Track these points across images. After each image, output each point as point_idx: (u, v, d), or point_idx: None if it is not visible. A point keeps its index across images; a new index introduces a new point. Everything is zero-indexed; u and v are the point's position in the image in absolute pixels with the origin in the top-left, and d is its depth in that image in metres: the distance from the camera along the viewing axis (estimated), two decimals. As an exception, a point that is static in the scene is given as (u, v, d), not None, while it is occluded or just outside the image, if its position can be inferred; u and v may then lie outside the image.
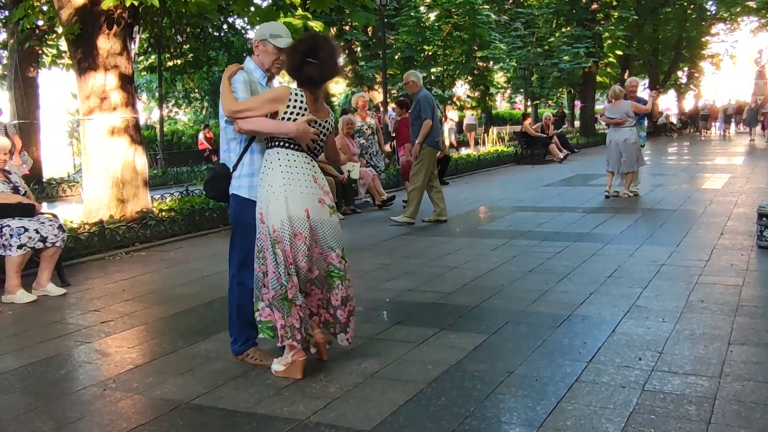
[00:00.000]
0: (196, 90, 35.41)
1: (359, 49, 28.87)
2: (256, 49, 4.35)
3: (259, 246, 4.03)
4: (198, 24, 18.12)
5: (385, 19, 18.48)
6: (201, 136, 27.45)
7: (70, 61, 9.94)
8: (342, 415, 3.52)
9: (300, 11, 11.10)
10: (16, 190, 6.47)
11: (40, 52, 16.12)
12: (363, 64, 26.86)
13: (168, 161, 22.59)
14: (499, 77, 32.40)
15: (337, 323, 4.21)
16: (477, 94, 26.72)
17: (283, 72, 4.38)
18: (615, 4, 32.33)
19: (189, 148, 28.13)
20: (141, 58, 23.88)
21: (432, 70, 24.21)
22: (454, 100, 26.19)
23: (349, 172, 11.52)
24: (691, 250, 7.23)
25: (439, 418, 3.44)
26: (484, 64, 26.28)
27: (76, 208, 10.60)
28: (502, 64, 28.83)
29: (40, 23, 13.12)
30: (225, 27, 23.03)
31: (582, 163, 20.11)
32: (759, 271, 6.27)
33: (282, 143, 4.04)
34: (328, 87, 3.86)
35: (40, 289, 6.32)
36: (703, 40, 42.10)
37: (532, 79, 29.62)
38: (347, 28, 25.32)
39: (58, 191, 16.67)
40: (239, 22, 23.54)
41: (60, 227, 6.47)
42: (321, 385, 3.92)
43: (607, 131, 12.11)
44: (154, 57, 22.97)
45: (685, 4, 36.82)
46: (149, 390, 3.96)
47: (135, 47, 10.08)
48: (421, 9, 25.01)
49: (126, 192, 9.20)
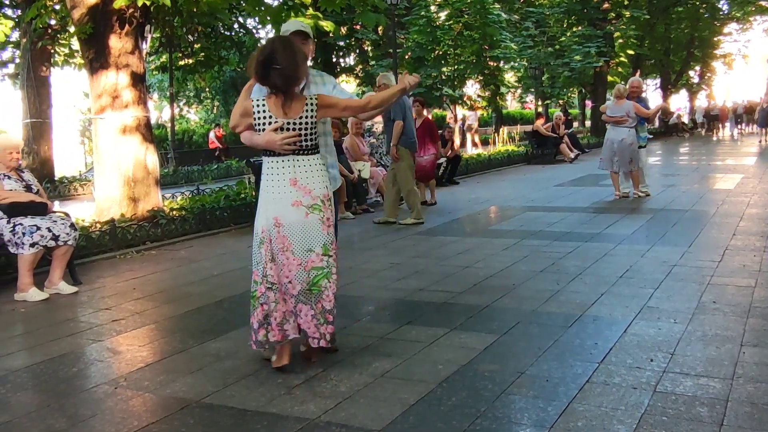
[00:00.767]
0: (207, 89, 35.50)
1: (370, 48, 28.89)
2: None
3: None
4: (209, 23, 18.20)
5: (396, 19, 18.48)
6: (212, 135, 27.53)
7: (82, 61, 10.00)
8: (352, 414, 3.51)
9: (311, 11, 11.11)
10: (28, 188, 6.50)
11: (53, 51, 16.20)
12: (373, 63, 26.87)
13: (179, 160, 22.63)
14: (510, 77, 32.34)
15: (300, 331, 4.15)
16: (488, 93, 26.68)
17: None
18: (626, 3, 32.20)
19: (200, 147, 28.20)
20: (152, 57, 24.00)
21: (443, 70, 24.19)
22: (465, 99, 26.16)
23: (359, 171, 11.53)
24: (704, 251, 7.19)
25: (450, 418, 3.44)
26: (495, 64, 26.23)
27: (87, 206, 10.66)
28: (512, 64, 28.78)
29: (53, 23, 13.19)
30: (236, 26, 23.12)
31: (593, 163, 19.94)
32: (772, 272, 6.23)
33: (265, 152, 4.11)
34: (295, 86, 4.00)
35: (52, 287, 6.35)
36: (715, 39, 41.86)
37: (543, 78, 29.53)
38: (358, 27, 25.33)
39: (69, 190, 16.75)
40: (250, 22, 23.67)
41: (72, 226, 6.50)
42: (331, 384, 3.92)
43: (607, 129, 12.01)
44: (165, 56, 23.05)
45: (697, 3, 36.61)
46: (160, 388, 3.97)
47: (146, 46, 10.12)
48: (432, 8, 24.99)
49: (137, 191, 9.24)
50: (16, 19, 14.86)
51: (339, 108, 4.27)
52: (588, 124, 39.39)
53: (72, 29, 10.40)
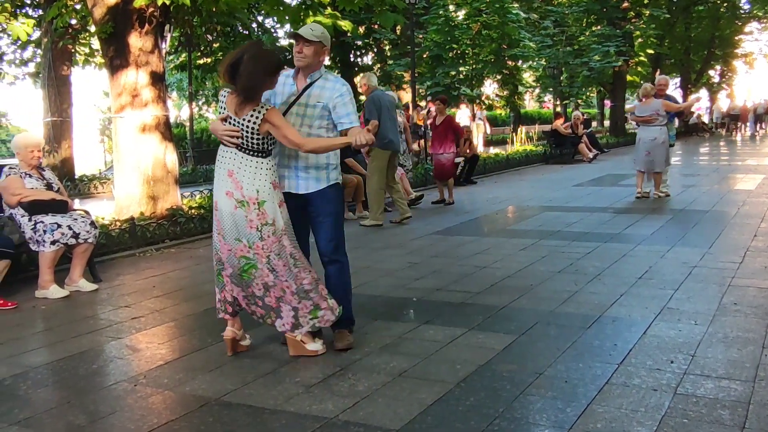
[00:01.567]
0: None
1: (388, 47, 28.86)
2: None
3: None
4: (228, 23, 18.26)
5: (414, 18, 18.46)
6: (230, 134, 27.60)
7: (103, 60, 10.06)
8: (370, 413, 3.51)
9: (329, 10, 11.12)
10: (49, 186, 6.56)
11: (74, 50, 16.33)
12: (391, 62, 26.85)
13: (198, 159, 22.69)
14: (528, 76, 32.19)
15: (270, 310, 4.39)
16: (506, 93, 26.56)
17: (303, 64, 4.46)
18: (646, 2, 31.93)
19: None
20: (172, 56, 24.12)
21: (461, 69, 24.12)
22: (483, 99, 26.07)
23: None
24: (724, 252, 7.13)
25: (468, 418, 3.43)
26: (513, 63, 26.12)
27: (107, 204, 10.74)
28: (531, 63, 28.64)
29: (74, 22, 13.28)
30: (255, 26, 23.19)
31: (612, 163, 19.92)
32: (794, 274, 6.16)
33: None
34: (250, 94, 4.21)
35: (73, 284, 6.40)
36: (736, 38, 41.45)
37: (562, 78, 29.37)
38: (376, 26, 25.32)
39: (89, 188, 16.87)
40: (269, 21, 23.72)
41: (92, 224, 6.55)
42: (349, 383, 3.93)
43: (637, 130, 11.97)
44: (184, 55, 23.16)
45: (718, 2, 36.27)
46: (179, 386, 3.99)
47: (166, 46, 10.18)
48: (450, 7, 24.92)
49: (156, 189, 9.29)
50: (38, 19, 14.97)
51: (279, 133, 4.27)
52: (607, 123, 39.14)
53: (93, 28, 10.48)
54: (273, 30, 25.23)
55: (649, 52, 34.38)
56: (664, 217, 9.59)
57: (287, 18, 10.90)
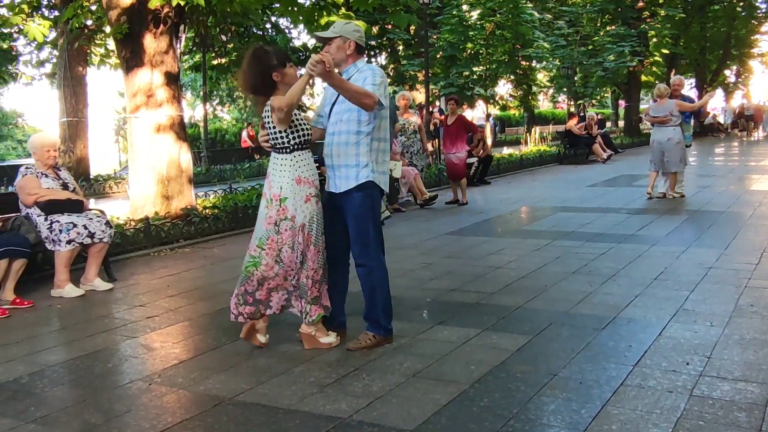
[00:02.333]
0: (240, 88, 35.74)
1: (401, 47, 28.85)
2: None
3: None
4: (242, 23, 18.31)
5: (428, 18, 18.44)
6: (244, 134, 27.72)
7: (118, 60, 10.12)
8: (384, 414, 3.51)
9: (343, 10, 11.14)
10: (65, 186, 6.59)
11: (89, 51, 16.44)
12: (405, 62, 26.84)
13: (212, 159, 22.82)
14: (542, 76, 32.09)
15: (260, 304, 4.53)
16: (520, 93, 26.49)
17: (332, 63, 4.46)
18: (661, 2, 31.74)
19: (232, 146, 28.42)
20: (186, 57, 24.23)
21: (474, 69, 24.07)
22: (497, 99, 26.01)
23: (391, 170, 11.51)
24: (740, 253, 7.07)
25: (482, 419, 3.42)
26: (527, 63, 26.04)
27: (122, 204, 10.79)
28: (545, 63, 28.54)
29: (89, 23, 13.36)
30: (268, 26, 23.25)
31: (626, 163, 19.82)
32: (811, 276, 6.11)
33: None
34: (249, 93, 4.63)
35: (88, 283, 6.44)
36: (752, 38, 41.14)
37: (576, 78, 29.26)
38: (390, 27, 25.32)
39: (104, 188, 16.99)
40: (283, 21, 23.78)
41: (107, 223, 6.59)
42: (363, 383, 3.93)
43: (652, 130, 11.90)
44: (199, 56, 23.28)
45: (734, 1, 36.01)
46: (193, 385, 4.01)
47: (181, 46, 10.22)
48: (464, 7, 24.87)
49: (171, 189, 9.33)
50: (54, 20, 15.08)
51: (273, 110, 4.39)
52: (621, 124, 38.95)
53: (108, 29, 10.54)
54: (287, 30, 25.30)
55: (664, 52, 34.18)
56: (679, 218, 9.54)
57: (301, 18, 10.93)
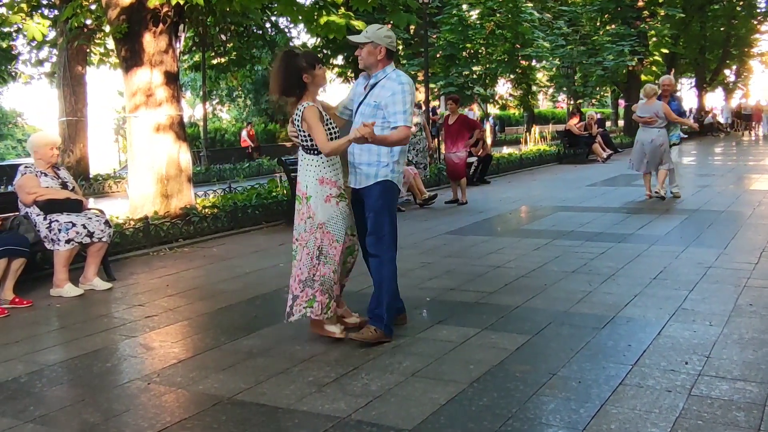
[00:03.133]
0: (240, 88, 35.73)
1: (401, 47, 28.86)
2: None
3: None
4: (241, 23, 18.33)
5: (427, 18, 18.44)
6: (244, 133, 27.74)
7: (118, 60, 10.11)
8: (383, 413, 3.51)
9: (342, 10, 11.12)
10: (64, 185, 6.59)
11: (88, 50, 16.43)
12: (405, 62, 26.83)
13: (211, 158, 22.81)
14: (542, 76, 32.08)
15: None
16: (519, 92, 26.50)
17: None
18: (661, 1, 31.72)
19: (232, 146, 28.43)
20: (186, 56, 24.23)
21: (474, 69, 24.09)
22: (497, 98, 26.02)
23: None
24: (740, 253, 7.07)
25: (481, 418, 3.42)
26: (527, 63, 26.03)
27: (121, 203, 10.80)
28: (545, 63, 28.54)
29: (89, 22, 13.37)
30: (268, 25, 23.24)
31: (626, 163, 19.71)
32: (810, 275, 6.10)
33: None
34: (278, 95, 4.73)
35: (87, 283, 6.44)
36: (752, 38, 41.14)
37: (576, 77, 29.26)
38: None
39: (104, 187, 16.99)
40: (282, 21, 23.76)
41: (106, 222, 6.58)
42: (362, 383, 3.92)
43: (638, 129, 11.73)
44: (198, 55, 23.28)
45: (734, 1, 36.02)
46: (192, 385, 4.01)
47: (180, 45, 10.22)
48: (464, 7, 24.88)
49: (170, 188, 9.33)
50: (53, 19, 15.08)
51: (312, 134, 4.52)
52: (621, 123, 38.95)
53: (107, 28, 10.54)
54: (287, 30, 25.27)
55: (664, 51, 34.15)
56: (678, 218, 9.53)
57: (300, 18, 10.91)
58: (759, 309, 5.09)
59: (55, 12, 15.54)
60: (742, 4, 36.36)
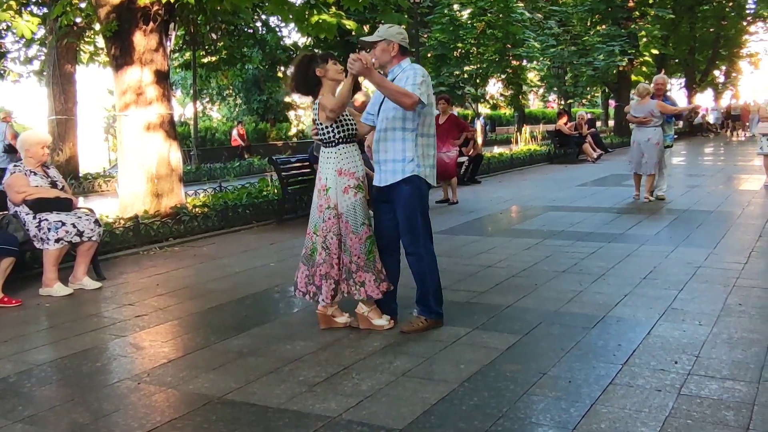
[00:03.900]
0: (230, 87, 35.65)
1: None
2: None
3: None
4: (232, 21, 18.28)
5: (419, 17, 18.45)
6: (234, 132, 27.65)
7: (107, 58, 10.07)
8: (374, 413, 3.51)
9: (333, 9, 11.11)
10: (53, 184, 6.56)
11: (78, 48, 16.34)
12: (396, 62, 26.83)
13: (202, 157, 22.73)
14: (533, 76, 32.16)
15: (317, 289, 4.86)
16: (510, 92, 26.54)
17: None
18: (651, 2, 31.87)
19: (222, 145, 28.33)
20: (176, 55, 24.15)
21: (465, 68, 24.12)
22: (487, 98, 26.06)
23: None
24: (729, 253, 7.11)
25: (472, 418, 3.42)
26: (518, 63, 26.08)
27: (111, 202, 10.75)
28: (535, 63, 28.61)
29: (78, 20, 13.30)
30: (259, 24, 23.20)
31: (616, 162, 19.85)
32: (799, 275, 6.14)
33: None
34: (298, 93, 5.05)
35: (76, 282, 6.41)
36: (741, 38, 41.37)
37: (566, 77, 29.35)
38: (381, 25, 25.33)
39: (94, 186, 16.90)
40: (273, 20, 23.73)
41: (96, 222, 6.55)
42: (353, 382, 3.92)
43: (632, 130, 11.73)
44: (189, 54, 23.19)
45: (723, 1, 36.20)
46: (182, 384, 3.99)
47: (170, 44, 10.18)
48: (455, 7, 24.91)
49: (161, 187, 9.29)
50: (43, 17, 14.99)
51: (323, 111, 4.69)
52: (611, 123, 39.10)
53: (97, 27, 10.49)
54: (277, 29, 25.24)
55: (654, 52, 34.32)
56: (668, 218, 9.57)
57: (291, 17, 10.89)
58: (748, 308, 5.12)
59: (45, 9, 15.45)
60: (731, 5, 36.55)
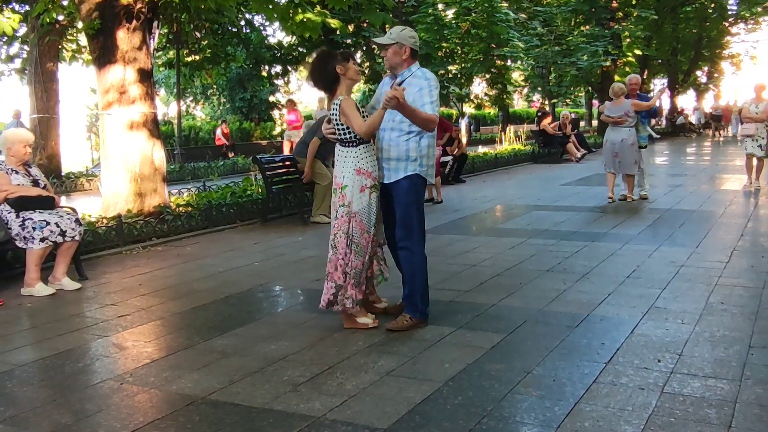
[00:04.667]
0: (214, 86, 35.52)
1: (375, 46, 28.87)
2: None
3: None
4: (216, 20, 18.20)
5: (403, 17, 18.45)
6: (218, 131, 27.52)
7: (90, 56, 9.99)
8: (358, 412, 3.51)
9: (318, 8, 11.10)
10: (35, 183, 6.51)
11: (60, 46, 16.21)
12: (380, 61, 26.84)
13: (185, 156, 22.62)
14: (517, 76, 32.26)
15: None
16: (494, 92, 26.61)
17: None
18: (634, 2, 32.07)
19: (206, 144, 28.21)
20: (159, 53, 24.01)
21: (449, 68, 24.15)
22: (472, 98, 26.11)
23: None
24: (711, 252, 7.16)
25: (456, 417, 3.43)
26: (502, 62, 26.15)
27: (94, 201, 10.67)
28: (520, 63, 28.70)
29: (61, 18, 13.19)
30: (243, 23, 23.11)
31: (600, 162, 19.82)
32: (780, 274, 6.20)
33: None
34: (320, 88, 5.12)
35: (56, 282, 6.34)
36: (723, 39, 41.69)
37: (550, 77, 29.45)
38: (365, 25, 25.31)
39: (76, 185, 16.77)
40: (258, 19, 23.65)
41: (77, 221, 6.49)
42: (337, 382, 3.91)
43: (607, 130, 11.65)
44: (172, 52, 23.07)
45: (705, 2, 36.47)
46: (165, 384, 3.97)
47: (154, 42, 10.11)
48: (440, 6, 24.93)
49: (144, 186, 9.24)
50: (24, 14, 14.84)
51: (349, 122, 4.71)
52: (595, 123, 39.29)
53: (80, 24, 10.40)
54: (261, 27, 25.16)
55: (637, 52, 34.54)
56: (651, 217, 9.63)
57: (276, 15, 10.86)
58: (730, 307, 5.16)
59: (26, 7, 15.30)
60: (713, 6, 36.81)
